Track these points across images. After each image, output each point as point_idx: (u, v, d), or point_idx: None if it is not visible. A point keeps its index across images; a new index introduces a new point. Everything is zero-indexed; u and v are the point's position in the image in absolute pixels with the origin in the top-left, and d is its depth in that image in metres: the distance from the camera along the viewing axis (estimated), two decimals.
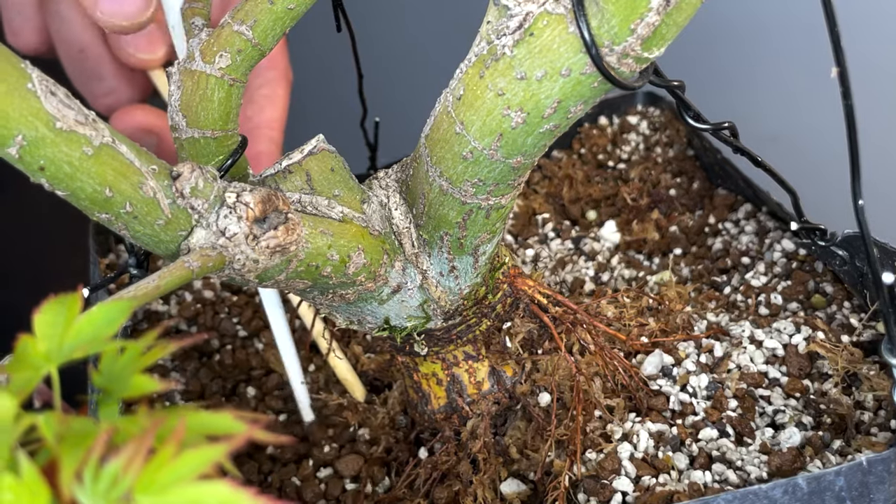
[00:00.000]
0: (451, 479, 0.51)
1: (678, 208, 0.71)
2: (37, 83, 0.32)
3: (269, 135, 0.71)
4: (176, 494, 0.23)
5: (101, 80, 0.70)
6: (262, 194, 0.39)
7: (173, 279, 0.35)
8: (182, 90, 0.41)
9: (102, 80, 0.70)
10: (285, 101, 0.73)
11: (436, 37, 1.07)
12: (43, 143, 0.32)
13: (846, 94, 0.37)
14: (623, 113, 0.81)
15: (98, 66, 0.69)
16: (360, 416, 0.58)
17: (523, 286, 0.51)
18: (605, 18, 0.35)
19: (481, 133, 0.39)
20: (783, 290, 0.58)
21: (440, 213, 0.43)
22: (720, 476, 0.46)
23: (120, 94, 0.70)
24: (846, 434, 0.47)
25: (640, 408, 0.50)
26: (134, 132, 0.68)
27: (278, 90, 0.72)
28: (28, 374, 0.27)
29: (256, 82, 0.72)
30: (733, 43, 1.08)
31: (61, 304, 0.28)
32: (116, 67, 0.69)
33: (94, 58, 0.69)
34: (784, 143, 1.00)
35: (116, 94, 0.70)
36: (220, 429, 0.26)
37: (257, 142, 0.71)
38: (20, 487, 0.23)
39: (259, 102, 0.71)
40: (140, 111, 0.69)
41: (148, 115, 0.69)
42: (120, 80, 0.70)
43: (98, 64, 0.69)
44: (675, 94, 0.43)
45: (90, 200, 0.35)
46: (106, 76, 0.70)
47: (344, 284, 0.44)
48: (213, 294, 0.69)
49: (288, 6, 0.40)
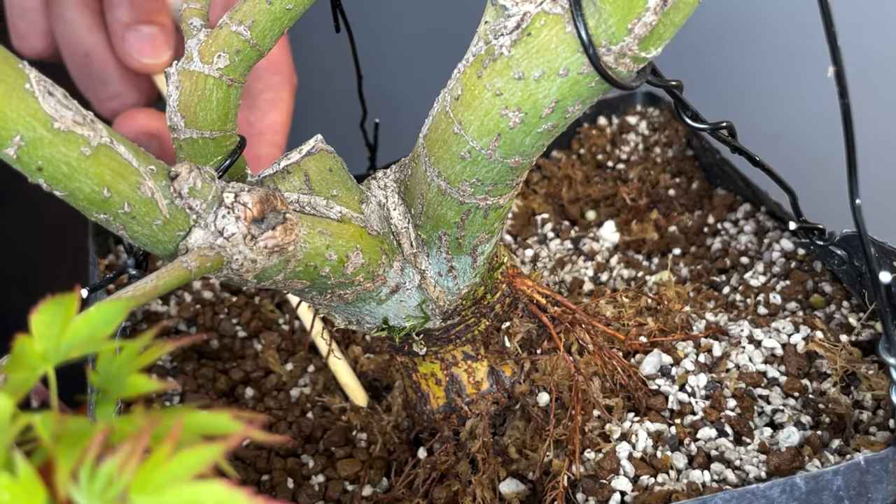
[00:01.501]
0: (449, 479, 0.51)
1: (677, 208, 0.71)
2: (34, 83, 0.32)
3: (271, 139, 0.71)
4: (172, 494, 0.23)
5: (107, 85, 0.70)
6: (260, 194, 0.39)
7: (171, 279, 0.35)
8: (180, 91, 0.41)
9: (107, 85, 0.70)
10: (289, 105, 0.73)
11: (435, 37, 1.07)
12: (41, 143, 0.32)
13: (843, 93, 0.37)
14: (622, 113, 0.81)
15: (103, 71, 0.70)
16: (363, 420, 0.58)
17: (522, 286, 0.51)
18: (602, 18, 0.35)
19: (479, 133, 0.39)
20: (782, 289, 0.58)
21: (438, 213, 0.44)
22: (718, 475, 0.46)
23: (125, 98, 0.71)
24: (845, 433, 0.47)
25: (639, 407, 0.50)
26: (136, 136, 0.68)
27: (282, 94, 0.72)
28: (25, 374, 0.27)
29: (259, 86, 0.72)
30: (731, 43, 1.08)
31: (58, 305, 0.28)
32: (121, 72, 0.70)
33: (99, 62, 0.69)
34: (783, 142, 1.00)
35: (122, 98, 0.71)
36: (216, 428, 0.26)
37: (259, 146, 0.71)
38: (16, 487, 0.23)
39: (262, 108, 0.71)
40: (142, 115, 0.69)
41: (150, 118, 0.69)
42: (125, 84, 0.70)
43: (103, 68, 0.69)
44: (674, 93, 0.43)
45: (88, 201, 0.35)
46: (111, 80, 0.70)
47: (342, 284, 0.44)
48: (212, 294, 0.69)
49: (286, 6, 0.40)
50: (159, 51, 0.67)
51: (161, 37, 0.67)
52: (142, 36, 0.67)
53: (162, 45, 0.67)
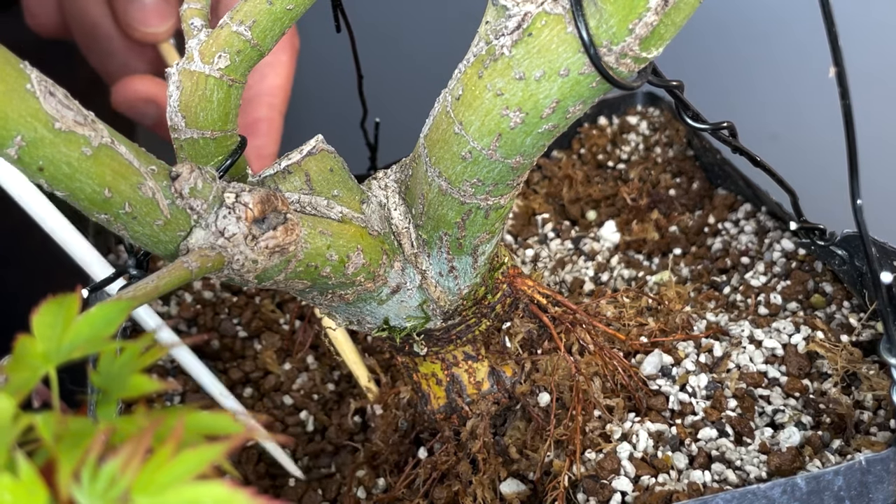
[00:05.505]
0: (450, 479, 0.51)
1: (678, 208, 0.71)
2: (35, 84, 0.32)
3: (269, 101, 0.70)
4: (174, 494, 0.23)
5: (113, 56, 0.71)
6: (261, 195, 0.39)
7: (172, 279, 0.35)
8: (181, 91, 0.41)
9: (113, 56, 0.71)
10: (289, 68, 0.72)
11: (435, 37, 1.07)
12: (42, 143, 0.32)
13: (844, 93, 0.37)
14: (622, 113, 0.81)
15: (109, 43, 0.70)
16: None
17: (523, 286, 0.51)
18: (603, 18, 0.35)
19: (480, 133, 0.39)
20: (782, 289, 0.58)
21: (439, 214, 0.43)
22: (719, 476, 0.46)
23: (132, 69, 0.71)
24: (845, 434, 0.47)
25: (640, 408, 0.50)
26: (135, 101, 0.68)
27: (281, 56, 0.71)
28: (26, 375, 0.27)
29: None
30: (732, 43, 1.08)
31: (60, 305, 0.28)
32: (126, 43, 0.70)
33: (104, 34, 0.70)
34: (783, 142, 1.00)
35: (129, 69, 0.71)
36: (218, 429, 0.26)
37: (256, 108, 0.70)
38: (18, 487, 0.23)
39: (261, 70, 0.70)
40: (139, 81, 0.69)
41: (148, 84, 0.69)
42: (130, 55, 0.71)
43: (108, 40, 0.70)
44: (674, 94, 0.43)
45: (89, 201, 0.35)
46: (117, 52, 0.70)
47: (343, 285, 0.44)
48: (212, 294, 0.69)
49: (287, 6, 0.40)
50: (161, 19, 0.67)
51: (163, 5, 0.67)
52: (144, 5, 0.67)
53: (164, 14, 0.68)
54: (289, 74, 0.71)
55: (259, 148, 0.70)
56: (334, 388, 0.63)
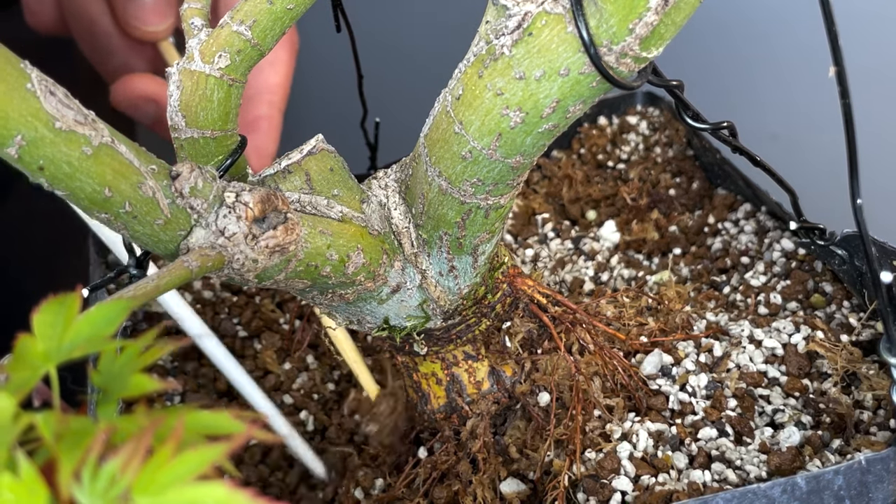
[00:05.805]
0: (450, 479, 0.51)
1: (678, 208, 0.71)
2: (36, 83, 0.32)
3: (269, 99, 0.70)
4: (174, 494, 0.23)
5: (112, 55, 0.70)
6: (261, 194, 0.39)
7: (172, 279, 0.35)
8: (181, 90, 0.41)
9: (113, 55, 0.70)
10: (289, 65, 0.71)
11: (435, 37, 1.07)
12: (42, 143, 0.32)
13: (844, 93, 0.37)
14: (622, 113, 0.81)
15: (108, 41, 0.70)
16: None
17: (523, 286, 0.51)
18: (603, 18, 0.35)
19: (480, 133, 0.39)
20: (782, 289, 0.58)
21: (439, 213, 0.44)
22: (719, 475, 0.46)
23: (131, 68, 0.71)
24: (845, 433, 0.47)
25: (640, 407, 0.50)
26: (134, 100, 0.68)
27: (281, 54, 0.71)
28: (27, 374, 0.27)
29: None
30: (732, 42, 1.08)
31: (60, 304, 0.28)
32: (126, 41, 0.70)
33: (103, 32, 0.69)
34: (783, 142, 1.00)
35: (128, 68, 0.70)
36: (219, 429, 0.26)
37: (256, 106, 0.70)
38: (19, 487, 0.23)
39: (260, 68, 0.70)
40: (138, 79, 0.69)
41: (146, 82, 0.68)
42: (130, 53, 0.70)
43: (108, 38, 0.70)
44: (674, 93, 0.43)
45: (89, 200, 0.35)
46: (116, 50, 0.70)
47: (343, 284, 0.44)
48: (212, 294, 0.69)
49: (287, 6, 0.40)
50: (160, 18, 0.67)
51: (162, 4, 0.67)
52: (143, 3, 0.67)
53: (163, 12, 0.67)
54: (288, 72, 0.71)
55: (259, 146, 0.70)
56: (334, 387, 0.63)
